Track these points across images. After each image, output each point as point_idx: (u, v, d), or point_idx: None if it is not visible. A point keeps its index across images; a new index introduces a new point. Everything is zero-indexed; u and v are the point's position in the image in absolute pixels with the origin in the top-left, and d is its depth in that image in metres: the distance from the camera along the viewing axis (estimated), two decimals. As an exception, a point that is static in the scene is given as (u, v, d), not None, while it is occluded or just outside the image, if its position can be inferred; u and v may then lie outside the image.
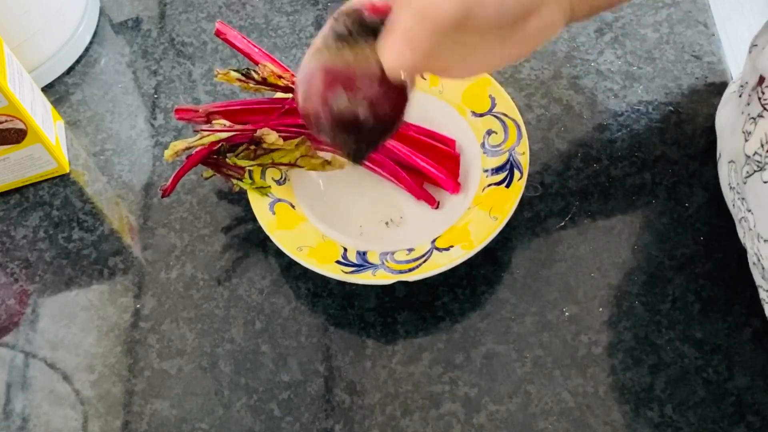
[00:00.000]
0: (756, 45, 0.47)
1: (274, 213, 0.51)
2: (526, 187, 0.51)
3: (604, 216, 0.52)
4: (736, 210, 0.47)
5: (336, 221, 0.53)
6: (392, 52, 0.37)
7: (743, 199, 0.45)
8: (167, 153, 0.52)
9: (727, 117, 0.51)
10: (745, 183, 0.44)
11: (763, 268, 0.44)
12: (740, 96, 0.48)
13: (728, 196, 0.49)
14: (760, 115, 0.43)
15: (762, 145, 0.42)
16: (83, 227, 0.57)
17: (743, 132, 0.45)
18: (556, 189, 0.54)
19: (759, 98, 0.44)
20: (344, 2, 0.40)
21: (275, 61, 0.52)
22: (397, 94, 0.41)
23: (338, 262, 0.49)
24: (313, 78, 0.40)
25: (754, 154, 0.43)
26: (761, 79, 0.44)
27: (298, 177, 0.54)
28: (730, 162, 0.48)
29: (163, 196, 0.54)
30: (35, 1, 0.60)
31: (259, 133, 0.51)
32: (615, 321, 0.48)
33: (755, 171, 0.43)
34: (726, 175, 0.49)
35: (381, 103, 0.40)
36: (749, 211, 0.45)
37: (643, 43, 0.60)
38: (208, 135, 0.51)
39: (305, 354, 0.50)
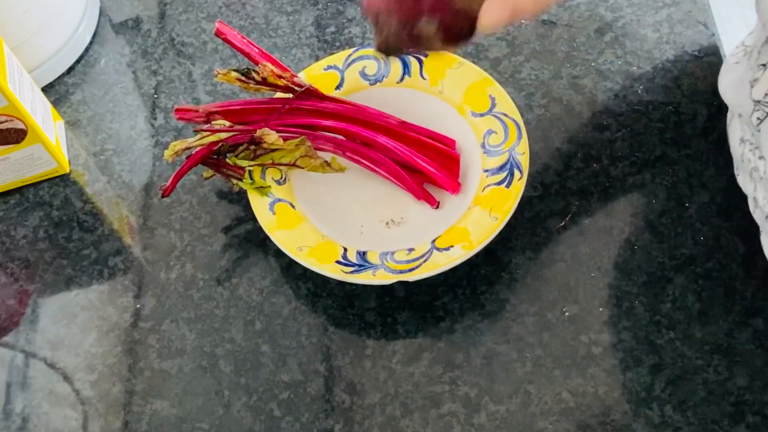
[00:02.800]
0: None
1: (274, 213, 0.51)
2: (526, 187, 0.51)
3: (604, 216, 0.52)
4: (746, 164, 0.47)
5: (336, 221, 0.53)
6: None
7: (756, 147, 0.46)
8: (167, 153, 0.52)
9: (731, 79, 0.51)
10: (759, 130, 0.45)
11: None
12: (748, 53, 0.48)
13: (737, 152, 0.49)
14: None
15: None
16: (83, 227, 0.57)
17: (749, 82, 0.45)
18: (556, 189, 0.54)
19: None
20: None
21: (275, 61, 0.52)
22: (463, 28, 0.42)
23: (338, 262, 0.49)
24: None
25: (765, 96, 0.44)
26: None
27: (298, 177, 0.54)
28: (738, 116, 0.48)
29: (163, 196, 0.54)
30: (35, 1, 0.60)
31: (259, 133, 0.51)
32: (615, 321, 0.48)
33: (766, 115, 0.43)
34: (737, 130, 0.49)
35: (447, 28, 0.41)
36: (761, 158, 0.45)
37: (643, 43, 0.60)
38: (208, 135, 0.51)
39: (305, 354, 0.50)
